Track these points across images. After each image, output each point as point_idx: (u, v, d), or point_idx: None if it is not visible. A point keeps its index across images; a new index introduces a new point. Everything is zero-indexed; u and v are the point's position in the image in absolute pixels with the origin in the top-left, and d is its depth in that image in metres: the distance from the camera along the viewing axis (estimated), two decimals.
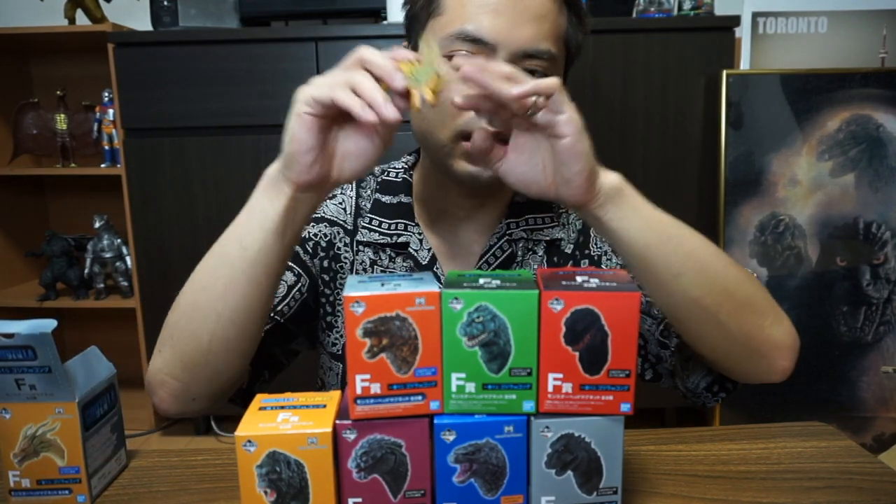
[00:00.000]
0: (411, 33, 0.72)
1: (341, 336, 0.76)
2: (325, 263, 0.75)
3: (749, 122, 1.59)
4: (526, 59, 0.65)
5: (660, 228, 0.56)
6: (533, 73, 0.65)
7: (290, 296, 0.72)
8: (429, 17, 0.69)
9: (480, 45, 0.64)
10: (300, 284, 0.73)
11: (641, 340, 0.70)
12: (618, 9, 1.69)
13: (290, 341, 0.74)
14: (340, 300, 0.75)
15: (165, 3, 1.68)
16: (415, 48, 0.71)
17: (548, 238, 0.73)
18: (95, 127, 1.91)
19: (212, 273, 0.57)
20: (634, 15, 1.68)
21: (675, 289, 0.56)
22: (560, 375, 0.44)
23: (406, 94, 0.50)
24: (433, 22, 0.68)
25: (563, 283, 0.44)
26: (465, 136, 0.64)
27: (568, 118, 0.51)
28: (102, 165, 1.89)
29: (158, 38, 1.66)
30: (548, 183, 0.55)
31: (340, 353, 0.76)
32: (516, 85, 0.50)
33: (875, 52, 1.71)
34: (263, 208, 0.55)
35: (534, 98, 0.50)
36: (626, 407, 0.44)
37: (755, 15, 1.70)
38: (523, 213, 0.74)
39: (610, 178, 0.55)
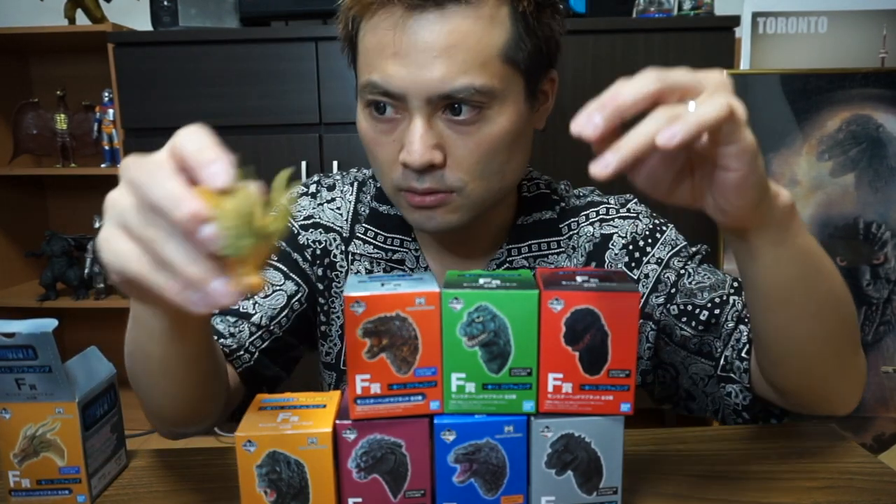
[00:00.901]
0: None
1: (334, 345, 0.74)
2: (321, 272, 0.73)
3: (749, 121, 1.59)
4: (446, 101, 0.56)
5: (812, 261, 0.48)
6: (458, 107, 0.56)
7: (289, 306, 0.69)
8: (354, 59, 0.63)
9: (390, 97, 0.57)
10: (300, 295, 0.70)
11: (673, 370, 0.67)
12: (618, 9, 1.69)
13: (290, 351, 0.72)
14: (334, 309, 0.73)
15: (165, 3, 1.68)
16: (355, 85, 0.64)
17: (552, 265, 0.69)
18: (95, 127, 1.91)
19: (133, 361, 0.51)
20: (634, 15, 1.68)
21: (803, 328, 0.50)
22: (560, 375, 0.44)
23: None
24: (356, 65, 0.62)
25: (563, 282, 0.44)
26: (404, 188, 0.59)
27: (739, 150, 0.39)
28: (102, 165, 1.89)
29: (158, 38, 1.66)
30: (692, 200, 0.45)
31: (333, 362, 0.74)
32: (673, 128, 0.36)
33: (875, 52, 1.71)
34: (146, 321, 0.46)
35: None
36: (626, 407, 0.44)
37: (755, 15, 1.70)
38: (526, 238, 0.69)
39: (781, 202, 0.45)
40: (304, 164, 1.66)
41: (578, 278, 0.45)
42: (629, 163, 0.37)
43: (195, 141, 0.35)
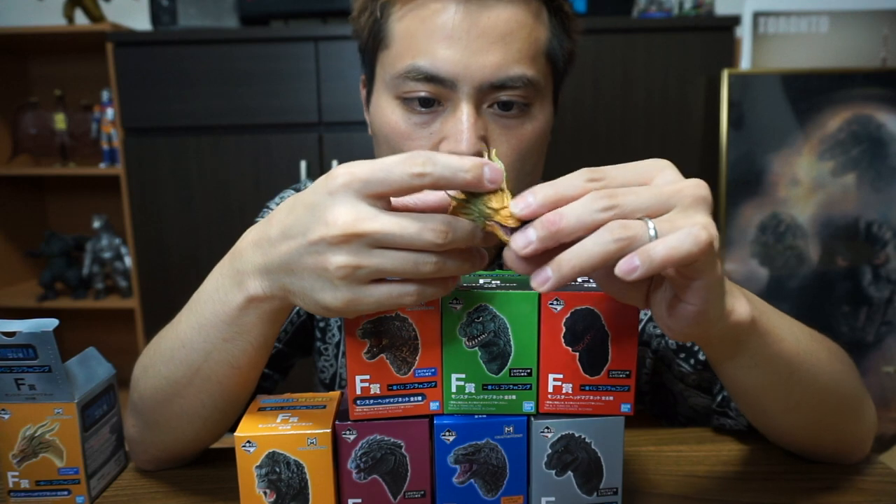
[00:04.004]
0: (365, 68, 0.64)
1: (330, 365, 0.73)
2: None
3: (750, 121, 1.59)
4: (496, 92, 0.55)
5: (782, 366, 0.44)
6: (511, 105, 0.56)
7: (289, 319, 0.68)
8: (376, 49, 0.60)
9: (437, 84, 0.54)
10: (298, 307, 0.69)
11: (672, 398, 0.65)
12: (618, 9, 1.69)
13: (288, 359, 0.72)
14: (329, 328, 0.72)
15: (164, 2, 1.67)
16: (370, 80, 0.63)
17: None
18: (94, 127, 1.91)
19: (195, 384, 0.47)
20: (634, 15, 1.68)
21: (784, 420, 0.49)
22: (560, 376, 0.44)
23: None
24: (382, 56, 0.59)
25: None
26: None
27: (704, 286, 0.35)
28: (101, 165, 1.88)
29: (158, 37, 1.66)
30: (642, 304, 0.40)
31: (328, 382, 0.74)
32: (633, 260, 0.32)
33: (876, 52, 1.71)
34: (257, 330, 0.44)
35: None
36: (626, 407, 0.44)
37: (756, 14, 1.69)
38: None
39: (734, 320, 0.40)
40: (303, 163, 1.66)
41: (579, 279, 0.45)
42: (570, 280, 0.33)
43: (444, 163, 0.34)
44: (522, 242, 0.33)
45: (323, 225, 0.35)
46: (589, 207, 0.33)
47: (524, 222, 0.34)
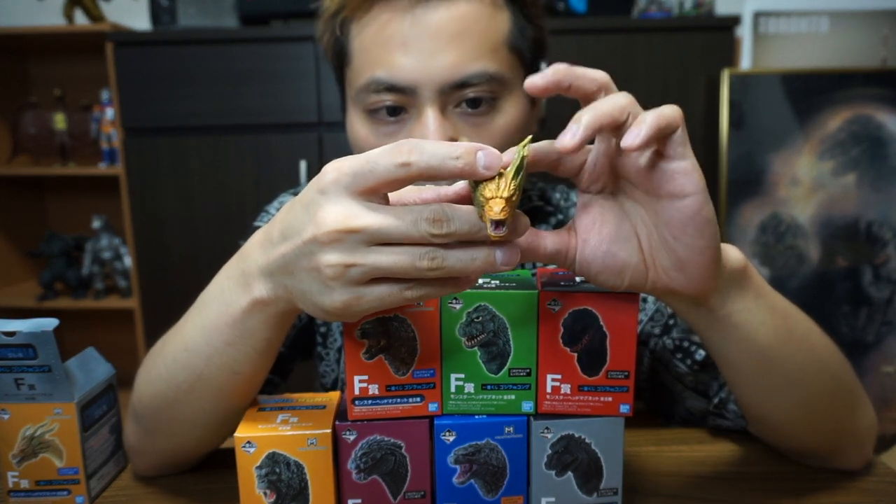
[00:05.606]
0: (337, 86, 0.65)
1: (331, 370, 0.73)
2: None
3: (750, 121, 1.59)
4: (459, 91, 0.54)
5: (785, 321, 0.44)
6: (478, 101, 0.55)
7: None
8: (342, 67, 0.61)
9: (398, 93, 0.54)
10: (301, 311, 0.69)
11: (671, 398, 0.64)
12: (618, 9, 1.69)
13: (289, 363, 0.72)
14: (331, 332, 0.72)
15: (164, 2, 1.67)
16: (342, 98, 0.63)
17: None
18: (94, 127, 1.91)
19: (198, 388, 0.46)
20: (634, 15, 1.68)
21: (787, 396, 0.47)
22: (559, 376, 0.44)
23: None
24: (347, 73, 0.60)
25: (562, 283, 0.44)
26: None
27: (690, 166, 0.35)
28: (101, 165, 1.88)
29: (157, 37, 1.66)
30: (648, 269, 0.39)
31: (329, 387, 0.74)
32: (632, 129, 0.34)
33: (876, 52, 1.71)
34: (261, 335, 0.43)
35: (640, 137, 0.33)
36: (625, 408, 0.44)
37: (756, 14, 1.69)
38: None
39: (732, 255, 0.41)
40: (303, 163, 1.66)
41: (577, 279, 0.45)
42: (595, 131, 0.34)
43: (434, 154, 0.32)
44: (569, 136, 0.34)
45: (313, 224, 0.34)
46: (619, 96, 0.36)
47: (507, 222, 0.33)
